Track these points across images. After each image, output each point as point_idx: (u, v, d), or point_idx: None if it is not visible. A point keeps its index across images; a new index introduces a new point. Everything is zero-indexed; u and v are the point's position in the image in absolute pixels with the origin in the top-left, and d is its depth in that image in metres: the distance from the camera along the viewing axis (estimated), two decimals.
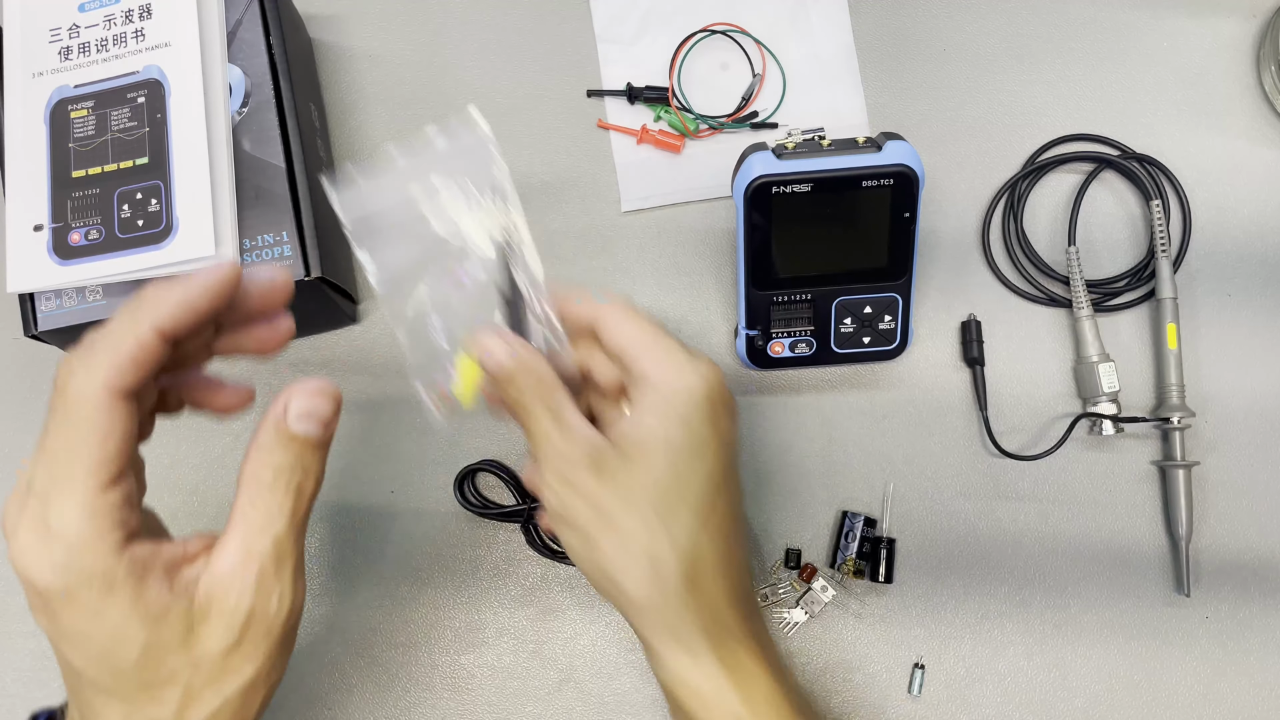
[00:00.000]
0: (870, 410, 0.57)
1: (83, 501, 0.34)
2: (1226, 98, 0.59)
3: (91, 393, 0.34)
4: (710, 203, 0.59)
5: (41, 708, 0.41)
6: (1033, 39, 0.60)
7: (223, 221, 0.48)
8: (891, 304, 0.53)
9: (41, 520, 0.34)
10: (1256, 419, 0.56)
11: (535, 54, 0.60)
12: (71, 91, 0.49)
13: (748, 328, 0.53)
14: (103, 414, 0.34)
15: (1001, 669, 0.54)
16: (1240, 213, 0.58)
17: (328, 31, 0.61)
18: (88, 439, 0.34)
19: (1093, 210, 0.58)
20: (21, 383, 0.58)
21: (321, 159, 0.56)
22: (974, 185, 0.59)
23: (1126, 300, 0.57)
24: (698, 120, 0.59)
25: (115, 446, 0.34)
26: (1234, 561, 0.55)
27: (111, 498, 0.34)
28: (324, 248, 0.52)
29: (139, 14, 0.50)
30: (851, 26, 0.60)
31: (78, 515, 0.33)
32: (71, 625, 0.34)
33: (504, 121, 0.60)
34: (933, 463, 0.56)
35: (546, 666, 0.55)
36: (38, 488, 0.34)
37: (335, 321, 0.57)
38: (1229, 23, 0.60)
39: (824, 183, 0.49)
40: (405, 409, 0.57)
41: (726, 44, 0.60)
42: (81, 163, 0.49)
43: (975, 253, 0.58)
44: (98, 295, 0.50)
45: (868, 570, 0.54)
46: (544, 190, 0.59)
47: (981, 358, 0.56)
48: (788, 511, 0.56)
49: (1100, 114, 0.59)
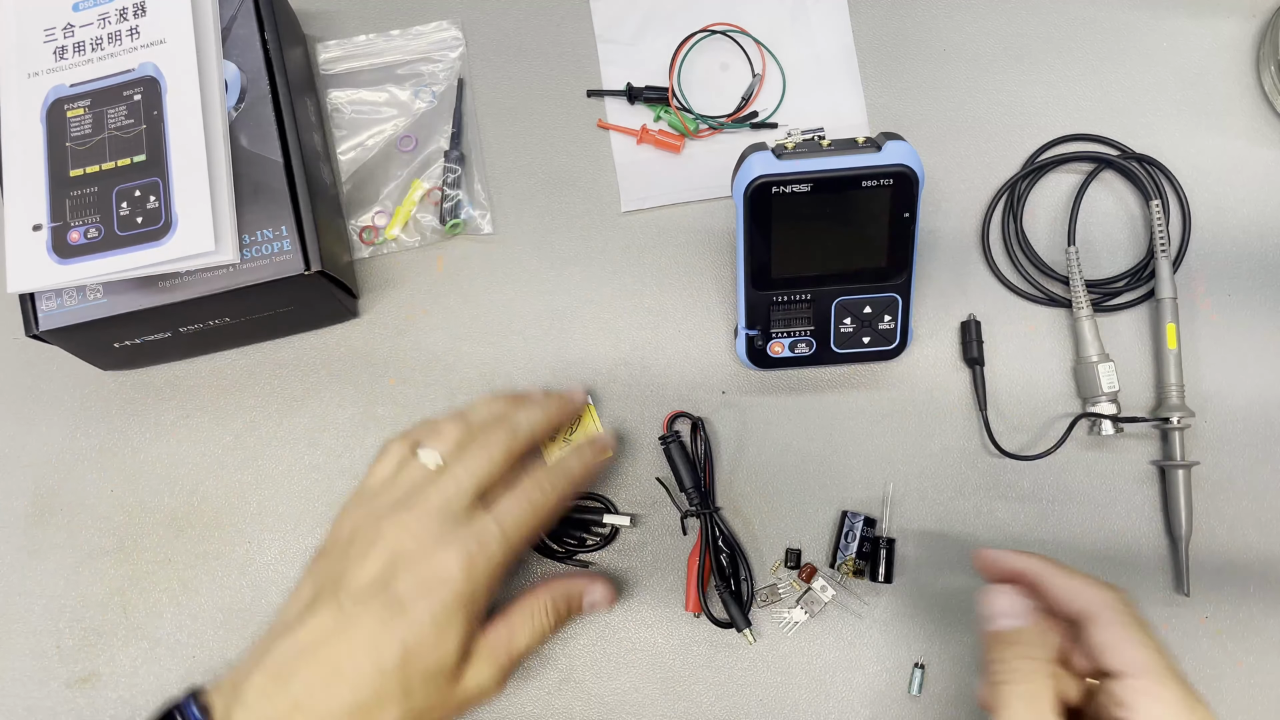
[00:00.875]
0: (870, 410, 0.57)
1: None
2: (1226, 98, 0.59)
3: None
4: (710, 203, 0.58)
5: (186, 689, 0.44)
6: (1033, 39, 0.60)
7: (222, 217, 0.48)
8: (891, 304, 0.53)
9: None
10: (1256, 419, 0.56)
11: (535, 54, 0.60)
12: (67, 91, 0.49)
13: (748, 328, 0.53)
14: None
15: None
16: (1240, 213, 0.58)
17: (322, 27, 0.61)
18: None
19: (1092, 210, 0.58)
20: (21, 383, 0.58)
21: (319, 153, 0.56)
22: (974, 185, 0.58)
23: (1126, 300, 0.57)
24: (698, 120, 0.59)
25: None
26: (1234, 561, 0.55)
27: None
28: (323, 242, 0.51)
29: (133, 12, 0.50)
30: (851, 27, 0.60)
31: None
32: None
33: (504, 121, 0.60)
34: (933, 463, 0.56)
35: (546, 666, 0.55)
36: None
37: (336, 316, 0.57)
38: (1229, 23, 0.60)
39: (824, 183, 0.49)
40: (405, 405, 0.57)
41: (726, 44, 0.60)
42: (79, 161, 0.48)
43: (975, 253, 0.58)
44: (98, 294, 0.50)
45: (868, 570, 0.54)
46: (544, 190, 0.59)
47: (981, 358, 0.56)
48: (788, 511, 0.56)
49: (1100, 114, 0.59)
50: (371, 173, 0.59)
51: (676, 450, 0.54)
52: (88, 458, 0.57)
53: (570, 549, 0.54)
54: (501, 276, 0.58)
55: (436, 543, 0.44)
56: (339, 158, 0.59)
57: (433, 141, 0.59)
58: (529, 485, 0.48)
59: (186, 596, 0.56)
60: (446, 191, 0.58)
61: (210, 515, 0.57)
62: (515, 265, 0.58)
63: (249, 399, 0.58)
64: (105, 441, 0.57)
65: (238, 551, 0.56)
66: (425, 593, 0.43)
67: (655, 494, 0.56)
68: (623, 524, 0.54)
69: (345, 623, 0.43)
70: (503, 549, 0.45)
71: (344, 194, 0.59)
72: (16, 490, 0.57)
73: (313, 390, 0.58)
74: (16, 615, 0.56)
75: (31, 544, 0.57)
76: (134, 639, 0.55)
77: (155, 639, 0.55)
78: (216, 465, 0.57)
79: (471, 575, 0.44)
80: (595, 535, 0.55)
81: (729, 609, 0.53)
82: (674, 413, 0.56)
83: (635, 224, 0.59)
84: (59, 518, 0.57)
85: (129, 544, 0.56)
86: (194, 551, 0.56)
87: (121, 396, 0.58)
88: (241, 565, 0.56)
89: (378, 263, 0.59)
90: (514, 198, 0.59)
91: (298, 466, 0.57)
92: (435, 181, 0.59)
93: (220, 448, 0.57)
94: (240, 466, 0.57)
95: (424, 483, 0.47)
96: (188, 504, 0.57)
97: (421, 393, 0.57)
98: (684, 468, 0.54)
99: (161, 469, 0.57)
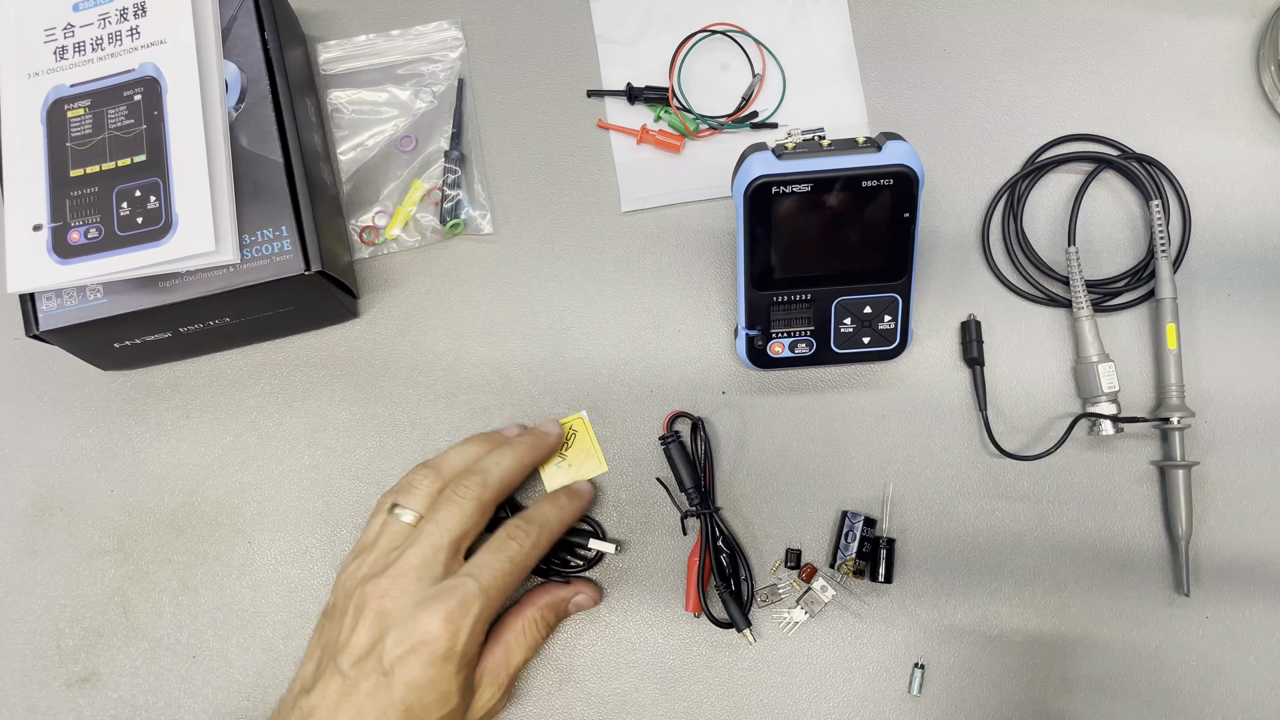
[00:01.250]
0: (870, 410, 0.57)
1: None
2: (1226, 98, 0.59)
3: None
4: (710, 203, 0.58)
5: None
6: (1033, 39, 0.60)
7: (222, 217, 0.48)
8: (891, 304, 0.53)
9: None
10: (1256, 419, 0.56)
11: (535, 54, 0.60)
12: (68, 91, 0.49)
13: (748, 328, 0.53)
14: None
15: (1001, 669, 0.54)
16: (1240, 213, 0.58)
17: (322, 27, 0.61)
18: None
19: (1092, 210, 0.58)
20: (22, 383, 0.58)
21: (319, 153, 0.56)
22: (974, 185, 0.59)
23: (1126, 300, 0.57)
24: (698, 120, 0.59)
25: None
26: (1234, 561, 0.55)
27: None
28: (323, 242, 0.51)
29: (133, 12, 0.49)
30: (851, 27, 0.60)
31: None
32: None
33: (504, 121, 0.60)
34: (933, 463, 0.56)
35: (546, 666, 0.55)
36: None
37: (336, 316, 0.57)
38: (1229, 23, 0.60)
39: (824, 183, 0.49)
40: (405, 405, 0.57)
41: (726, 44, 0.60)
42: (79, 162, 0.48)
43: (975, 253, 0.58)
44: (98, 294, 0.50)
45: (868, 570, 0.54)
46: (544, 190, 0.59)
47: (981, 358, 0.56)
48: (788, 511, 0.56)
49: (1100, 114, 0.59)
50: (371, 173, 0.59)
51: (676, 450, 0.54)
52: (88, 458, 0.57)
53: (555, 569, 0.54)
54: (501, 276, 0.58)
55: (417, 605, 0.46)
56: (339, 158, 0.59)
57: (433, 141, 0.59)
58: (504, 538, 0.49)
59: (186, 596, 0.56)
60: (446, 191, 0.58)
61: (210, 515, 0.57)
62: (515, 265, 0.58)
63: (249, 399, 0.58)
64: (105, 441, 0.57)
65: (238, 551, 0.56)
66: (414, 654, 0.45)
67: (655, 494, 0.56)
68: (608, 550, 0.54)
69: (349, 689, 0.45)
70: (482, 603, 0.47)
71: (344, 194, 0.59)
72: (16, 490, 0.57)
73: (313, 390, 0.58)
74: (16, 615, 0.56)
75: (31, 544, 0.57)
76: (134, 639, 0.55)
77: (155, 639, 0.55)
78: (216, 465, 0.57)
79: (454, 632, 0.46)
80: (580, 559, 0.55)
81: (729, 609, 0.53)
82: (674, 413, 0.56)
83: (635, 224, 0.59)
84: (59, 518, 0.57)
85: (129, 544, 0.56)
86: (194, 551, 0.56)
87: (121, 396, 0.58)
88: (241, 565, 0.56)
89: (378, 263, 0.59)
90: (514, 198, 0.59)
91: (298, 466, 0.57)
92: (435, 181, 0.59)
93: (220, 448, 0.57)
94: (240, 466, 0.57)
95: (402, 543, 0.49)
96: (188, 504, 0.57)
97: (421, 393, 0.57)
98: (684, 468, 0.54)
99: (161, 469, 0.57)
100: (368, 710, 0.45)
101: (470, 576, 0.47)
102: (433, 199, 0.58)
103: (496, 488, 0.50)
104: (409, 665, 0.45)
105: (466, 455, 0.52)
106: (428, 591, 0.47)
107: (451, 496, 0.49)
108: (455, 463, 0.52)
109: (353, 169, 0.59)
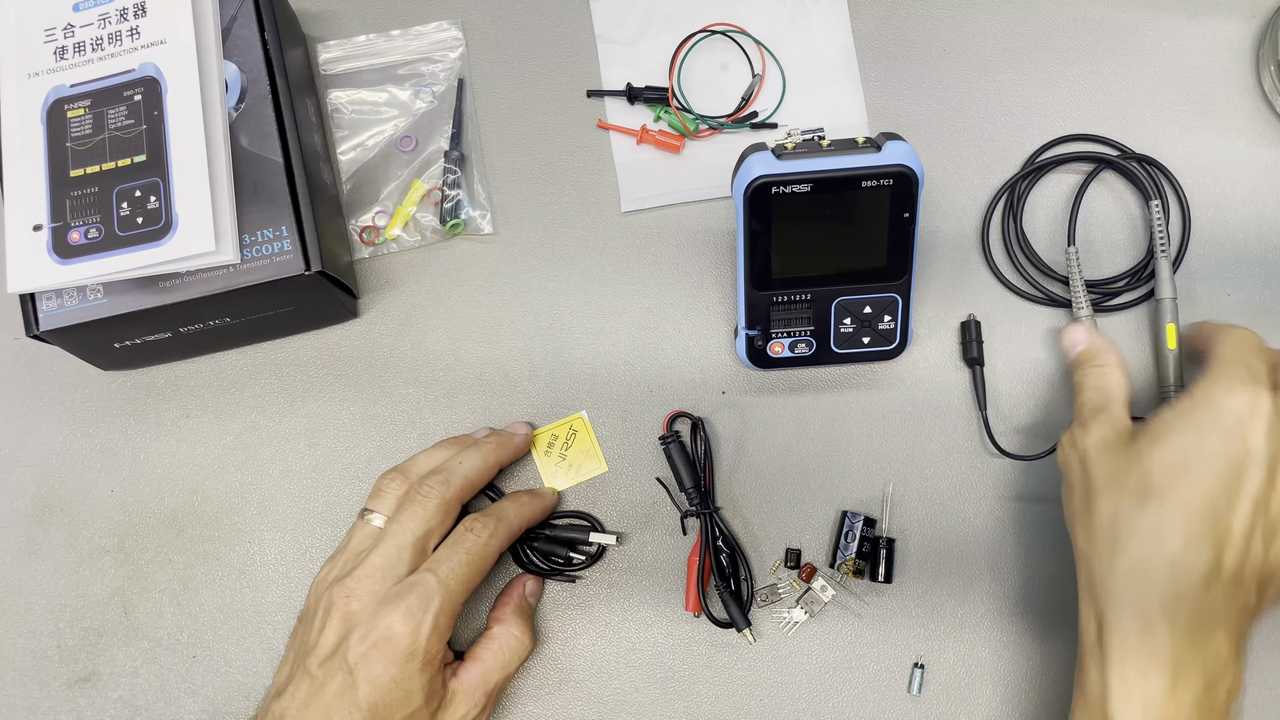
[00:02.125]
0: (870, 410, 0.57)
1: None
2: (1225, 98, 0.59)
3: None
4: (710, 203, 0.58)
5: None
6: (1033, 39, 0.60)
7: (222, 217, 0.48)
8: (891, 304, 0.53)
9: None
10: None
11: (535, 54, 0.60)
12: (68, 91, 0.49)
13: (747, 328, 0.53)
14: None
15: (1001, 669, 0.54)
16: (1240, 213, 0.58)
17: (322, 27, 0.61)
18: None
19: (1092, 210, 0.58)
20: (22, 383, 0.58)
21: (319, 153, 0.56)
22: (974, 185, 0.59)
23: (1126, 300, 0.57)
24: (697, 120, 0.59)
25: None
26: None
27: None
28: (323, 242, 0.51)
29: (134, 12, 0.50)
30: (851, 27, 0.60)
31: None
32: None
33: (504, 121, 0.60)
34: (933, 463, 0.56)
35: (546, 666, 0.55)
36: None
37: (336, 316, 0.57)
38: (1228, 23, 0.60)
39: (824, 183, 0.49)
40: (405, 405, 0.57)
41: (726, 44, 0.60)
42: (79, 162, 0.48)
43: (975, 253, 0.58)
44: (98, 294, 0.50)
45: (868, 570, 0.54)
46: (544, 190, 0.59)
47: (981, 358, 0.56)
48: (787, 511, 0.56)
49: (1100, 114, 0.59)
50: (371, 173, 0.59)
51: (676, 450, 0.54)
52: (88, 458, 0.57)
53: (557, 567, 0.54)
54: (501, 276, 0.58)
55: (381, 604, 0.47)
56: (339, 158, 0.59)
57: (433, 141, 0.59)
58: (462, 532, 0.50)
59: (186, 596, 0.56)
60: (446, 191, 0.58)
61: (210, 515, 0.57)
62: (515, 265, 0.58)
63: (249, 399, 0.58)
64: (105, 441, 0.57)
65: (238, 551, 0.56)
66: (377, 653, 0.46)
67: (655, 494, 0.56)
68: (609, 543, 0.54)
69: (317, 690, 0.46)
70: (442, 597, 0.47)
71: (344, 194, 0.59)
72: (16, 490, 0.57)
73: (313, 390, 0.58)
74: (16, 615, 0.56)
75: (31, 544, 0.57)
76: (134, 639, 0.55)
77: (155, 639, 0.55)
78: (216, 465, 0.57)
79: (417, 630, 0.46)
80: (582, 554, 0.55)
81: (729, 609, 0.53)
82: (674, 413, 0.56)
83: (635, 224, 0.59)
84: (59, 518, 0.57)
85: (129, 544, 0.56)
86: (194, 551, 0.56)
87: (121, 396, 0.58)
88: (241, 565, 0.56)
89: (378, 263, 0.59)
90: (514, 198, 0.59)
91: (298, 466, 0.57)
92: (435, 181, 0.59)
93: (220, 448, 0.57)
94: (240, 466, 0.57)
95: (369, 546, 0.49)
96: (188, 504, 0.57)
97: (421, 393, 0.57)
98: (684, 468, 0.54)
99: (161, 469, 0.57)
100: (334, 710, 0.46)
101: (429, 571, 0.48)
102: (433, 199, 0.58)
103: (460, 486, 0.51)
104: (371, 663, 0.46)
105: (434, 458, 0.53)
106: (390, 590, 0.47)
107: (415, 497, 0.50)
108: (423, 465, 0.52)
109: (353, 169, 0.59)
